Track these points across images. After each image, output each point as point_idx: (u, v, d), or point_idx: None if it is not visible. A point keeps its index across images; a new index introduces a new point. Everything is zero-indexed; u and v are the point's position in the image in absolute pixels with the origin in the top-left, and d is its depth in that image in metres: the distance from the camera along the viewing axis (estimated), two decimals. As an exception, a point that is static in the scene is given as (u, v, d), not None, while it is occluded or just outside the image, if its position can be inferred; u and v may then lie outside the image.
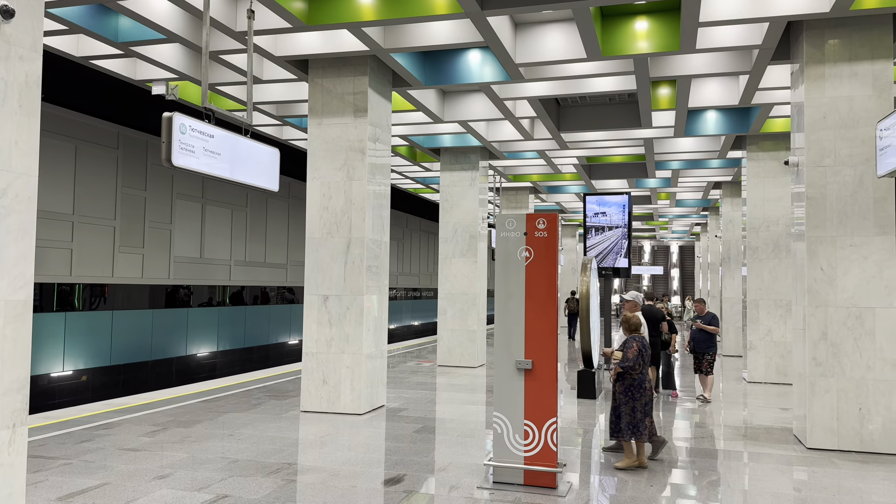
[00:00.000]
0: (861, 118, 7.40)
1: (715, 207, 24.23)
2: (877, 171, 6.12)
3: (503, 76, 9.49)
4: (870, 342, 7.28)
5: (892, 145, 5.79)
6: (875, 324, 7.27)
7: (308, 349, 9.13)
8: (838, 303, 7.38)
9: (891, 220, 7.29)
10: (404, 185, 20.44)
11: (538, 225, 6.03)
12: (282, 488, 5.74)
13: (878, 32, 7.41)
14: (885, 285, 7.26)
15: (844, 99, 7.48)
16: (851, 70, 7.47)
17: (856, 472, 6.54)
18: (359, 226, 8.98)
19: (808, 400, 7.46)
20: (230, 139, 7.08)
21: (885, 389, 7.23)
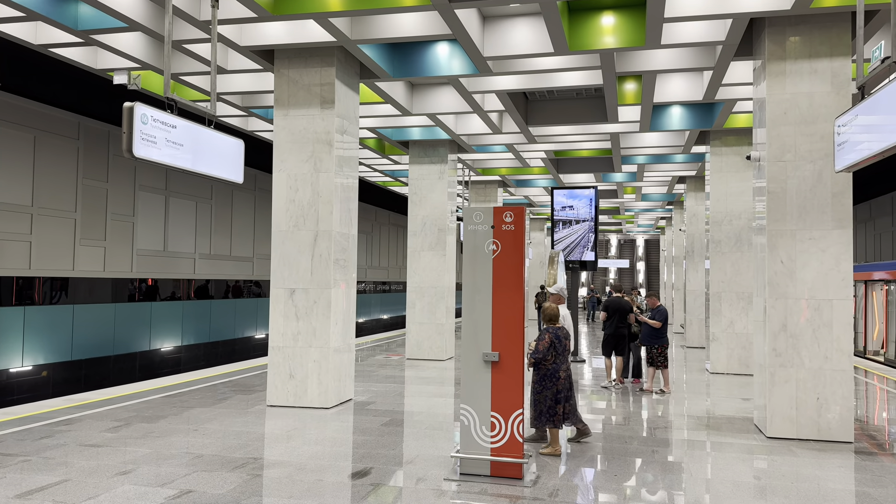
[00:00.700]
0: (820, 114, 7.57)
1: (679, 202, 24.60)
2: (835, 166, 6.27)
3: (471, 69, 9.49)
4: (827, 333, 7.47)
5: (850, 141, 5.93)
6: (833, 315, 7.46)
7: (274, 343, 9.05)
8: (797, 295, 7.55)
9: (848, 215, 7.48)
10: (373, 178, 20.34)
11: (505, 218, 6.06)
12: (247, 483, 5.69)
13: (836, 30, 7.58)
14: (843, 278, 7.45)
15: (804, 95, 7.64)
16: (811, 67, 7.63)
17: (813, 459, 6.72)
18: (326, 219, 8.91)
19: (768, 390, 7.63)
20: (193, 130, 6.96)
21: (841, 379, 7.43)
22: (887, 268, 18.14)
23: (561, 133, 13.85)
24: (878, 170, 23.93)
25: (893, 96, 4.97)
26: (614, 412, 9.11)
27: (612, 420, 8.58)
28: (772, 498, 5.54)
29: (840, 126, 6.10)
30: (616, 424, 8.31)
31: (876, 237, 28.87)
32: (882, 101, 5.20)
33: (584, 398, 10.16)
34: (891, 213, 27.40)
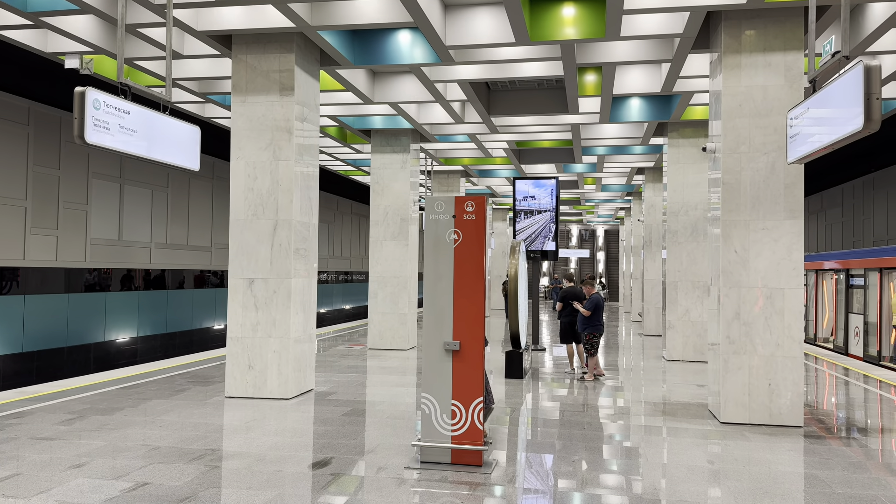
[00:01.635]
0: (774, 107, 7.75)
1: (638, 192, 24.96)
2: (787, 157, 6.43)
3: (433, 58, 9.45)
4: (779, 321, 7.69)
5: (802, 133, 6.09)
6: (784, 303, 7.67)
7: (233, 334, 8.93)
8: (751, 284, 7.74)
9: (800, 205, 7.69)
10: (334, 166, 20.16)
11: (467, 207, 6.07)
12: (205, 474, 5.62)
13: (790, 24, 7.75)
14: (794, 267, 7.66)
15: (759, 88, 7.80)
16: (766, 60, 7.80)
17: (765, 444, 6.92)
18: (286, 207, 8.80)
19: (722, 377, 7.82)
20: (148, 116, 6.80)
21: (792, 366, 7.65)
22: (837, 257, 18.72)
23: (523, 124, 13.92)
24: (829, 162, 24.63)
25: (843, 90, 5.11)
26: (573, 399, 9.23)
27: (571, 406, 8.70)
28: (725, 481, 5.69)
29: (792, 119, 6.26)
30: (574, 411, 8.43)
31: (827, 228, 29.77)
32: (832, 95, 5.35)
33: (545, 385, 10.28)
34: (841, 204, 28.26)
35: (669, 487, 5.56)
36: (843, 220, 28.07)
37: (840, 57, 5.44)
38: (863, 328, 16.19)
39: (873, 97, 4.71)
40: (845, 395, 10.21)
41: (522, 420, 8.14)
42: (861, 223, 26.16)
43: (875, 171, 24.90)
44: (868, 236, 25.38)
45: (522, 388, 10.09)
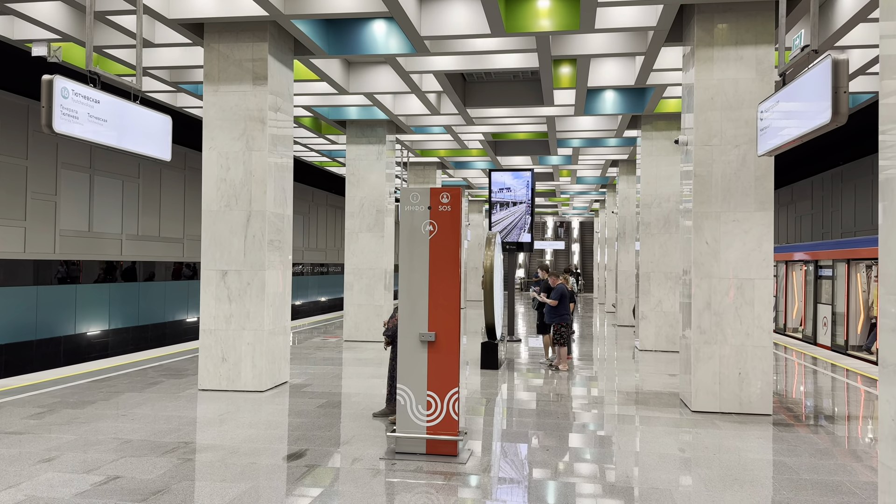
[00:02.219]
0: (745, 100, 7.84)
1: (612, 185, 25.16)
2: (757, 150, 6.52)
3: (409, 48, 9.41)
4: (749, 311, 7.81)
5: (772, 126, 6.17)
6: (754, 294, 7.80)
7: (206, 326, 8.84)
8: (721, 274, 7.86)
9: (770, 197, 7.81)
10: (309, 157, 20.02)
11: (442, 199, 6.07)
12: (177, 467, 5.57)
13: (761, 18, 7.84)
14: (764, 258, 7.78)
15: (731, 81, 7.89)
16: (737, 54, 7.89)
17: (735, 432, 7.04)
18: (259, 198, 8.72)
19: (693, 366, 7.93)
20: (118, 105, 6.68)
21: (762, 355, 7.79)
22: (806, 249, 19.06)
23: (498, 115, 13.93)
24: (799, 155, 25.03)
25: (812, 83, 5.18)
26: (548, 389, 9.31)
27: (546, 396, 8.77)
28: (695, 469, 5.79)
29: (763, 112, 6.34)
30: (549, 401, 8.50)
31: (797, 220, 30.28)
32: (801, 88, 5.42)
33: (521, 376, 10.35)
34: (811, 196, 28.75)
35: (642, 475, 5.64)
36: (812, 213, 28.57)
37: (809, 51, 5.51)
38: (831, 318, 16.52)
39: (841, 91, 4.78)
40: (813, 383, 10.43)
41: (497, 410, 8.18)
42: (830, 215, 26.65)
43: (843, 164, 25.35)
44: (837, 228, 25.86)
45: (498, 378, 10.14)
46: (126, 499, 4.83)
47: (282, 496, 5.01)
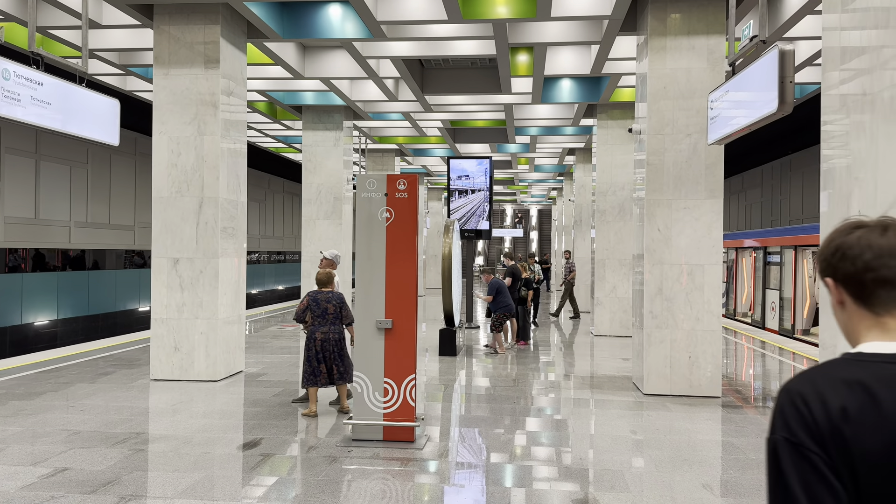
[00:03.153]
0: (697, 89, 7.99)
1: (569, 173, 25.41)
2: (707, 139, 6.66)
3: (365, 33, 9.32)
4: (699, 296, 8.00)
5: (721, 116, 6.31)
6: (704, 279, 7.99)
7: (157, 315, 8.67)
8: (672, 260, 8.02)
9: (720, 185, 7.99)
10: (265, 143, 19.70)
11: (399, 186, 6.04)
12: (128, 458, 5.46)
13: (713, 9, 7.98)
14: (713, 244, 7.97)
15: (683, 71, 8.03)
16: (689, 43, 8.02)
17: (685, 414, 7.23)
18: (212, 185, 8.56)
19: (646, 350, 8.10)
20: (63, 88, 6.47)
21: (711, 339, 7.99)
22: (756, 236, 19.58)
23: (457, 103, 13.92)
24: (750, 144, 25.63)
25: (760, 74, 5.31)
26: (505, 374, 9.40)
27: (503, 382, 8.86)
28: (647, 450, 5.93)
29: (713, 101, 6.47)
30: (506, 386, 8.59)
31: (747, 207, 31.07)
32: (750, 78, 5.55)
33: (479, 362, 10.42)
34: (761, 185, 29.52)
35: (596, 457, 5.75)
36: (762, 201, 29.34)
37: (758, 41, 5.64)
38: (779, 303, 17.04)
39: (787, 80, 4.91)
40: (762, 366, 10.75)
41: (455, 396, 8.23)
42: (779, 203, 27.41)
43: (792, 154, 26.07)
44: (785, 216, 26.63)
45: (456, 364, 10.20)
46: (74, 491, 4.73)
47: (237, 485, 4.97)
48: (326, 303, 6.86)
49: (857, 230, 1.30)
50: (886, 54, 2.97)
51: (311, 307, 6.88)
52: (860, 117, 3.20)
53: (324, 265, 7.79)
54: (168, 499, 4.63)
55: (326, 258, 7.88)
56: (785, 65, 4.90)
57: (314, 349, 6.81)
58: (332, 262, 7.87)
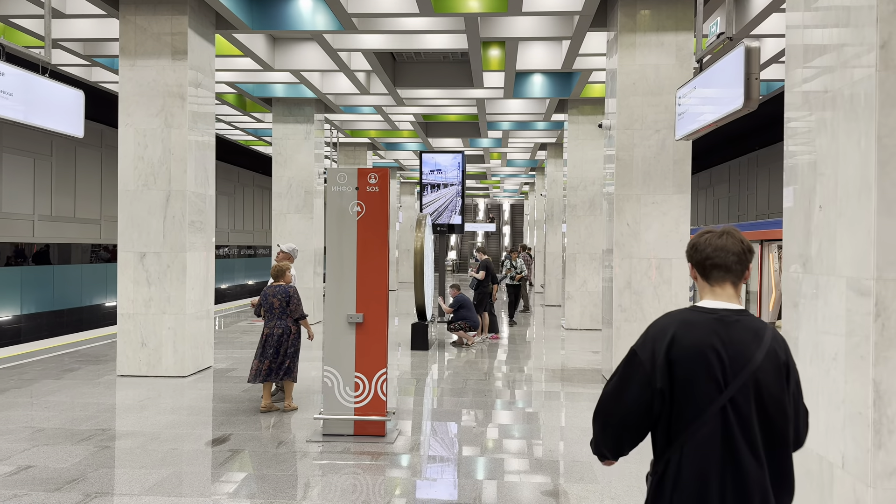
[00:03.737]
0: (665, 86, 8.08)
1: (541, 168, 25.53)
2: (675, 135, 6.74)
3: (336, 25, 9.24)
4: (667, 290, 8.12)
5: (689, 112, 6.39)
6: (672, 273, 8.10)
7: (124, 310, 8.53)
8: (641, 254, 8.12)
9: (687, 180, 8.10)
10: (234, 136, 19.46)
11: (370, 179, 6.02)
12: (94, 455, 5.38)
13: (681, 5, 8.08)
14: (681, 238, 8.09)
15: (652, 67, 8.11)
16: (659, 40, 8.10)
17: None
18: (179, 178, 8.44)
19: (615, 343, 8.20)
20: (25, 78, 6.32)
21: (678, 331, 8.09)
22: (722, 231, 19.87)
23: (429, 97, 13.89)
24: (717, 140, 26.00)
25: (726, 70, 5.38)
26: (477, 367, 9.44)
27: (475, 375, 8.89)
28: (615, 441, 5.99)
29: (680, 97, 6.55)
30: (478, 379, 8.62)
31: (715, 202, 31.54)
32: (716, 75, 5.63)
33: (451, 356, 10.44)
34: (728, 180, 29.98)
35: (566, 449, 5.81)
36: (729, 196, 29.81)
37: (724, 38, 5.72)
38: (745, 296, 17.35)
39: (753, 77, 4.99)
40: (727, 358, 10.93)
41: (427, 390, 8.25)
42: (746, 198, 27.87)
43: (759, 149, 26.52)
44: (752, 210, 27.10)
45: (428, 359, 10.21)
46: (38, 489, 4.64)
47: (205, 481, 4.92)
48: (273, 297, 6.80)
49: (706, 234, 2.10)
50: (847, 53, 3.03)
51: (262, 302, 6.86)
52: (822, 114, 3.27)
53: (280, 258, 7.73)
54: (135, 496, 4.57)
55: (283, 251, 7.82)
56: (751, 62, 4.97)
57: (259, 345, 6.80)
58: (289, 255, 7.81)
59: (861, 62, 2.91)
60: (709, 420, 1.91)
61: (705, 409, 1.91)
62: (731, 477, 1.90)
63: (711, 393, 1.91)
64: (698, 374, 1.91)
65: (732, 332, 1.95)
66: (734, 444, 1.90)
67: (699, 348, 1.92)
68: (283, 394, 7.03)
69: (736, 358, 1.92)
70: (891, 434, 2.77)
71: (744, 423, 1.91)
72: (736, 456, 1.90)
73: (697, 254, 2.09)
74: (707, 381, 1.91)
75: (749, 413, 1.91)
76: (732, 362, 1.92)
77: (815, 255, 3.29)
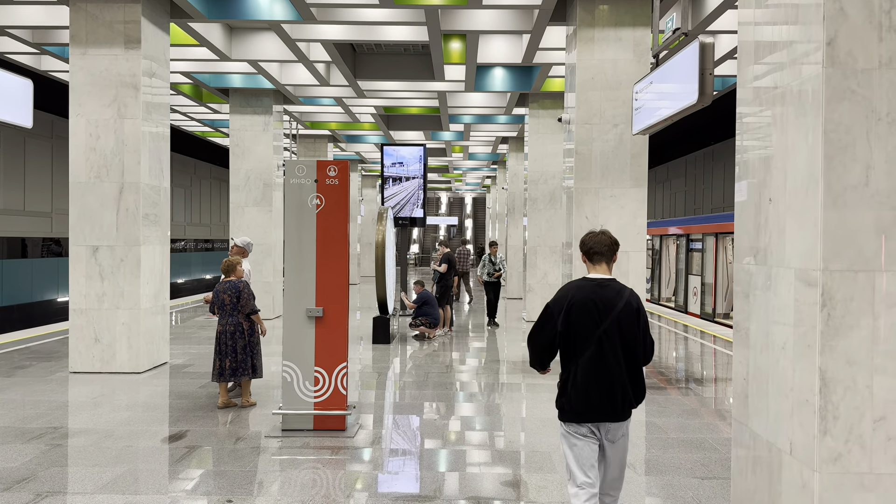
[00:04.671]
0: (623, 80, 8.18)
1: (503, 161, 25.65)
2: (632, 129, 6.83)
3: (294, 15, 9.12)
4: (625, 282, 8.18)
5: (645, 106, 6.48)
6: (629, 266, 8.22)
7: (76, 305, 8.31)
8: (601, 247, 8.20)
9: (644, 174, 8.22)
10: (190, 127, 19.07)
11: (329, 172, 5.96)
12: (45, 454, 5.24)
13: (639, 1, 8.18)
14: (638, 232, 8.22)
15: (610, 62, 8.20)
16: (617, 35, 8.19)
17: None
18: (133, 169, 8.24)
19: (575, 335, 8.28)
20: (-32, 64, 6.08)
21: (635, 323, 8.23)
22: (679, 224, 20.28)
23: (390, 89, 13.82)
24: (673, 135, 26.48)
25: (681, 65, 5.47)
26: (439, 361, 9.46)
27: (437, 368, 8.91)
28: (574, 431, 6.08)
29: (637, 92, 6.64)
30: (440, 372, 8.64)
31: (672, 196, 32.12)
32: (672, 70, 5.72)
33: (413, 349, 10.44)
34: (684, 174, 30.55)
35: (526, 440, 5.87)
36: (685, 189, 30.39)
37: (680, 34, 5.81)
38: (700, 288, 17.72)
39: (707, 72, 5.08)
40: (684, 349, 11.18)
41: (389, 384, 8.24)
42: (702, 192, 28.45)
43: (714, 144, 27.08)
44: (707, 204, 27.67)
45: (390, 352, 10.19)
46: (-15, 491, 4.50)
47: (161, 478, 4.84)
48: (223, 293, 6.68)
49: (590, 234, 3.41)
50: (796, 50, 3.11)
51: (214, 299, 6.75)
52: (773, 110, 3.35)
53: (234, 252, 7.59)
54: (88, 494, 4.47)
55: (237, 245, 7.67)
56: (705, 57, 5.07)
57: (215, 342, 6.69)
58: (243, 249, 7.66)
59: (809, 59, 2.99)
60: (591, 344, 3.25)
61: (589, 337, 3.25)
62: (604, 376, 3.25)
63: (592, 327, 3.25)
64: (584, 317, 3.26)
65: (604, 292, 3.30)
66: (606, 357, 3.24)
67: (584, 302, 3.27)
68: (241, 389, 6.92)
69: (606, 307, 3.26)
70: (836, 420, 2.86)
71: (612, 345, 3.25)
72: (607, 364, 3.25)
73: (584, 245, 3.44)
74: (589, 320, 3.25)
75: (615, 339, 3.25)
76: (604, 309, 3.25)
77: (766, 247, 3.37)
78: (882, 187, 2.87)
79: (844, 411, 2.87)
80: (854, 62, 2.87)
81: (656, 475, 5.01)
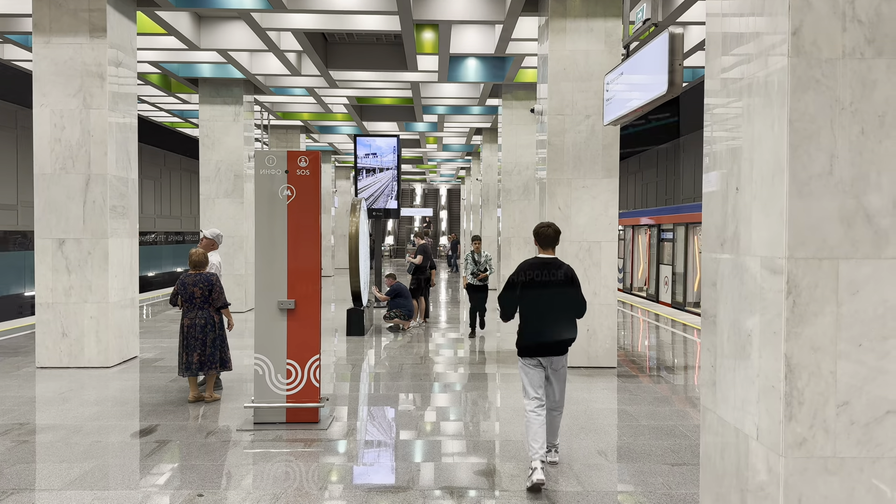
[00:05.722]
0: (595, 71, 8.21)
1: (477, 152, 25.66)
2: (603, 120, 6.87)
3: (264, 4, 9.00)
4: (597, 272, 8.30)
5: (616, 97, 6.52)
6: (601, 255, 8.29)
7: (42, 299, 8.15)
8: (572, 238, 8.27)
9: (615, 165, 8.28)
10: (159, 117, 18.76)
11: (300, 163, 5.91)
12: (11, 450, 5.14)
13: (611, -8, 8.21)
14: (609, 222, 8.28)
15: (582, 53, 8.23)
16: (588, 26, 8.21)
17: (583, 384, 7.51)
18: (99, 161, 8.08)
19: (548, 325, 8.34)
20: (-76, 52, 5.90)
21: (608, 312, 8.32)
22: (650, 214, 20.49)
23: (363, 79, 13.72)
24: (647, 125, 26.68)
25: (651, 56, 5.51)
26: (414, 352, 9.46)
27: (412, 359, 8.91)
28: (547, 420, 6.12)
29: (608, 83, 6.67)
30: (414, 364, 8.64)
31: (644, 187, 32.43)
32: (642, 61, 5.75)
33: (387, 341, 10.42)
34: (656, 165, 30.85)
35: (500, 429, 5.90)
36: (657, 180, 30.69)
37: (650, 24, 5.84)
38: (671, 278, 17.94)
39: (676, 63, 5.12)
40: (656, 337, 11.32)
41: (363, 376, 8.22)
42: (673, 183, 28.75)
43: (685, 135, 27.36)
44: (678, 194, 27.98)
45: (364, 344, 10.16)
46: (-52, 489, 4.40)
47: (132, 473, 4.78)
48: (193, 286, 6.54)
49: (541, 225, 4.90)
50: (763, 41, 3.14)
51: (180, 291, 6.57)
52: (740, 101, 3.38)
53: (203, 245, 7.46)
54: (55, 491, 4.39)
55: (206, 237, 7.52)
56: (674, 48, 5.10)
57: (181, 336, 6.54)
58: (213, 241, 7.53)
59: (775, 50, 3.02)
60: (540, 302, 4.68)
61: (539, 297, 4.67)
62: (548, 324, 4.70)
63: (541, 290, 4.66)
64: (535, 283, 4.67)
65: (548, 268, 4.72)
66: (550, 311, 4.70)
67: (534, 273, 4.69)
68: (206, 384, 6.79)
69: (550, 276, 4.68)
70: (800, 406, 2.92)
71: (554, 302, 4.70)
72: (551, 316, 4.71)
73: (537, 234, 4.86)
74: (539, 286, 4.67)
75: (556, 298, 4.71)
76: (548, 278, 4.68)
77: (733, 236, 3.41)
78: (846, 176, 2.91)
79: (809, 397, 2.92)
80: (819, 52, 2.91)
81: (627, 462, 5.07)
